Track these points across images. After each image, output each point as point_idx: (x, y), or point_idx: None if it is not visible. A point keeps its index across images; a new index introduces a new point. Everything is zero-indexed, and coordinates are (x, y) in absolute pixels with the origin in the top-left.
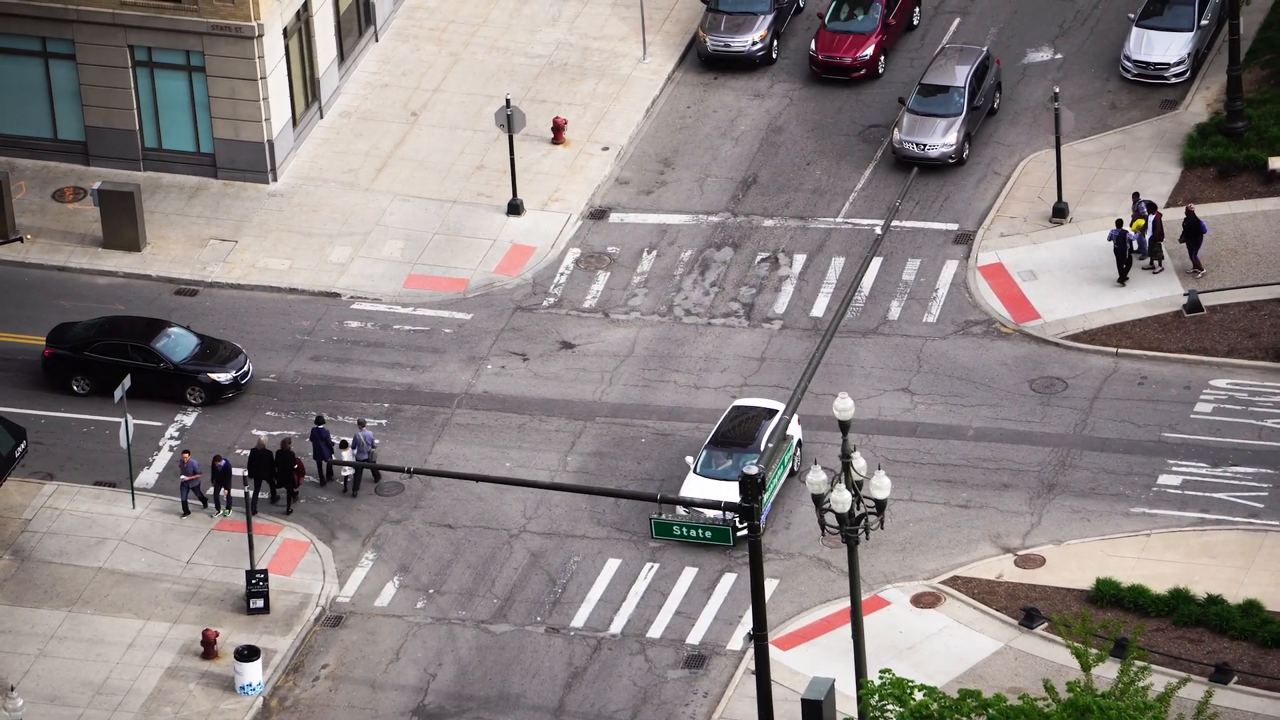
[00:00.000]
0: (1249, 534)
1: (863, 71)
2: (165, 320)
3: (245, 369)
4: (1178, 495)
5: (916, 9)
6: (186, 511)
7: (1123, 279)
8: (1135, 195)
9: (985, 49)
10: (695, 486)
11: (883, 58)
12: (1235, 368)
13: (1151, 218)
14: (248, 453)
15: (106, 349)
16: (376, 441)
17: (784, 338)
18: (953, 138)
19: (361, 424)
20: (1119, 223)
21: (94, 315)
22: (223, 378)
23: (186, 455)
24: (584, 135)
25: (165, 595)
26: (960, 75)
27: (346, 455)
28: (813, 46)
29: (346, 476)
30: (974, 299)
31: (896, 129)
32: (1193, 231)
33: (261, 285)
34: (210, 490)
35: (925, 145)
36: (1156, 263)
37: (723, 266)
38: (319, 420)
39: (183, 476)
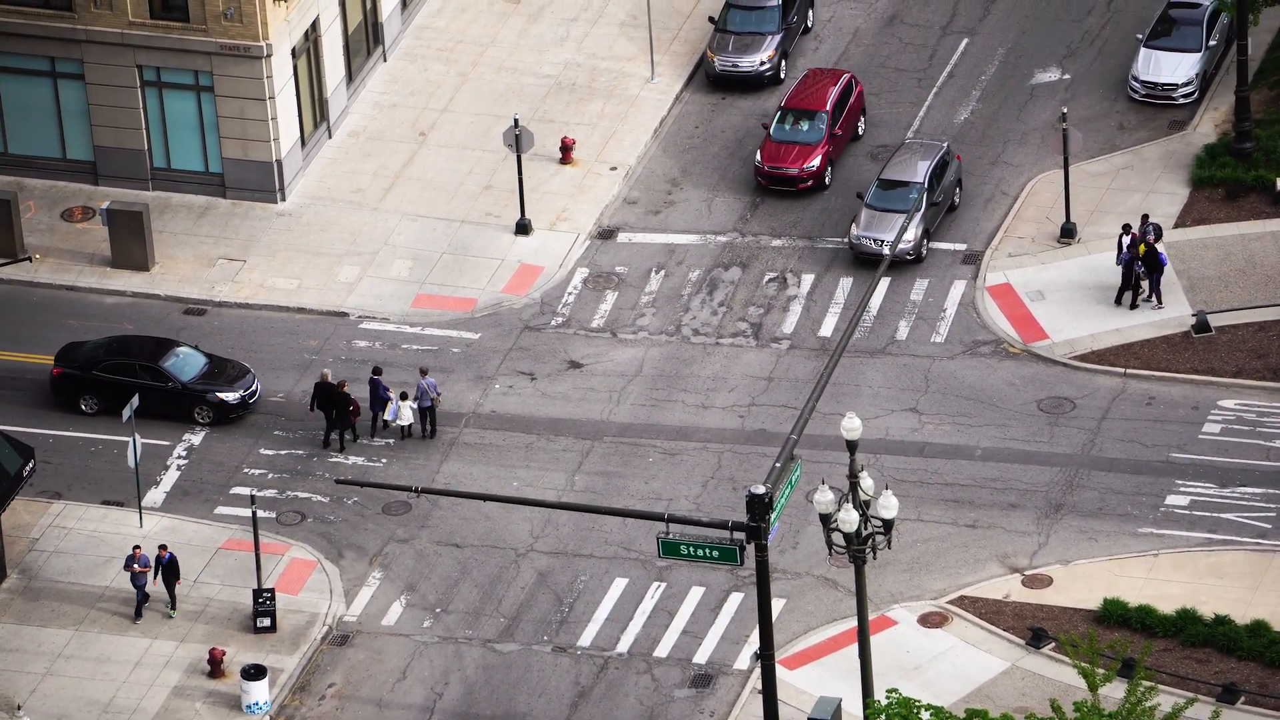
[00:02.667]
0: (1257, 554)
1: (810, 183)
2: (174, 340)
3: (253, 388)
4: (1185, 515)
5: (862, 118)
6: (140, 615)
7: (1119, 299)
8: (1144, 217)
9: (946, 144)
10: (866, 221)
11: (829, 169)
12: (1243, 388)
13: (1127, 238)
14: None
15: (115, 368)
16: (440, 390)
17: (792, 357)
18: (911, 234)
19: (424, 371)
20: (1122, 244)
21: (102, 335)
22: (230, 397)
23: (138, 550)
24: (592, 155)
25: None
26: (920, 170)
27: (407, 406)
28: (758, 157)
29: (405, 425)
30: (982, 319)
31: (854, 224)
32: (1151, 264)
33: (270, 305)
34: (157, 583)
35: (883, 241)
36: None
37: (731, 286)
38: (376, 371)
39: (135, 566)
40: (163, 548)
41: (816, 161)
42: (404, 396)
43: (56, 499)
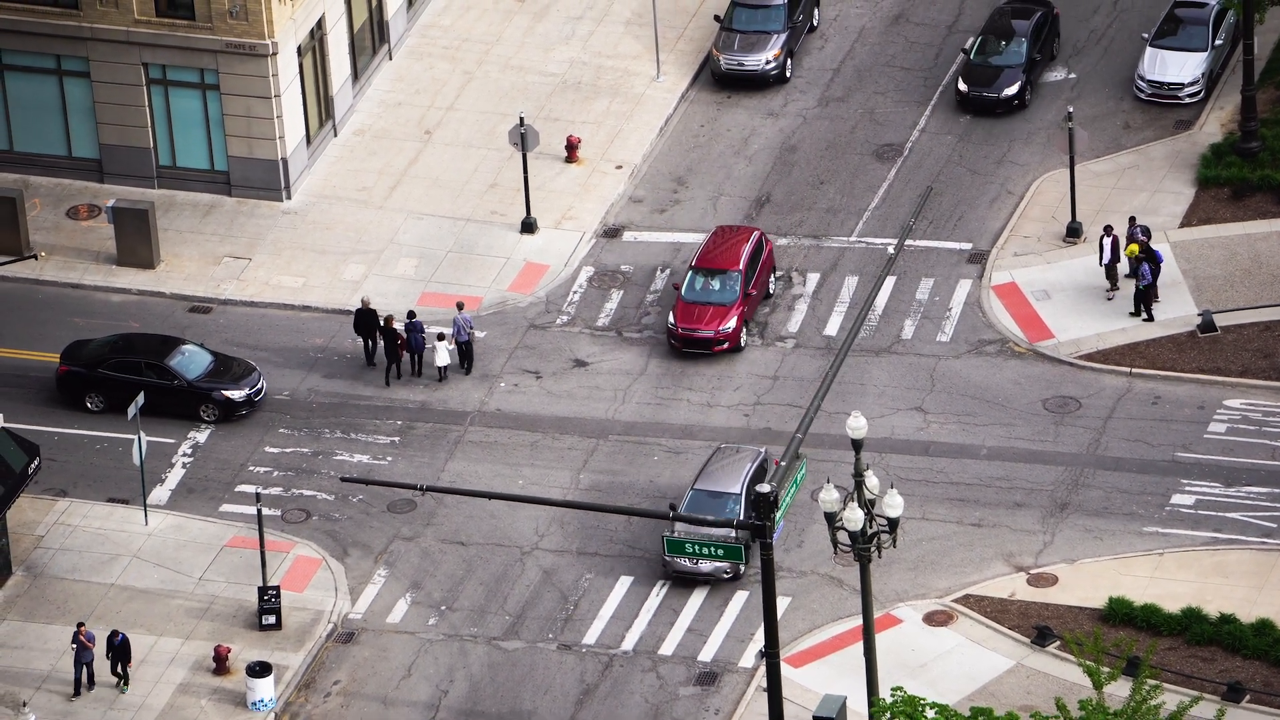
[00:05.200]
0: (1262, 554)
1: (726, 345)
2: (179, 338)
3: (259, 386)
4: (1191, 515)
5: (773, 277)
6: (78, 692)
7: (1140, 311)
8: (1131, 219)
9: (763, 453)
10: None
11: (745, 329)
12: (1249, 388)
13: (1109, 240)
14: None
15: (120, 366)
16: (474, 325)
17: (797, 356)
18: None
19: (460, 306)
20: (1104, 246)
21: (108, 333)
22: (236, 395)
23: (82, 628)
24: (598, 154)
25: (178, 611)
26: (736, 484)
27: (444, 347)
28: (671, 319)
29: (442, 366)
30: (988, 318)
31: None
32: (1149, 263)
33: (275, 303)
34: (107, 665)
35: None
36: (1112, 286)
37: None
38: (411, 315)
39: (81, 640)
40: (115, 633)
41: (732, 323)
42: (440, 337)
43: (62, 496)
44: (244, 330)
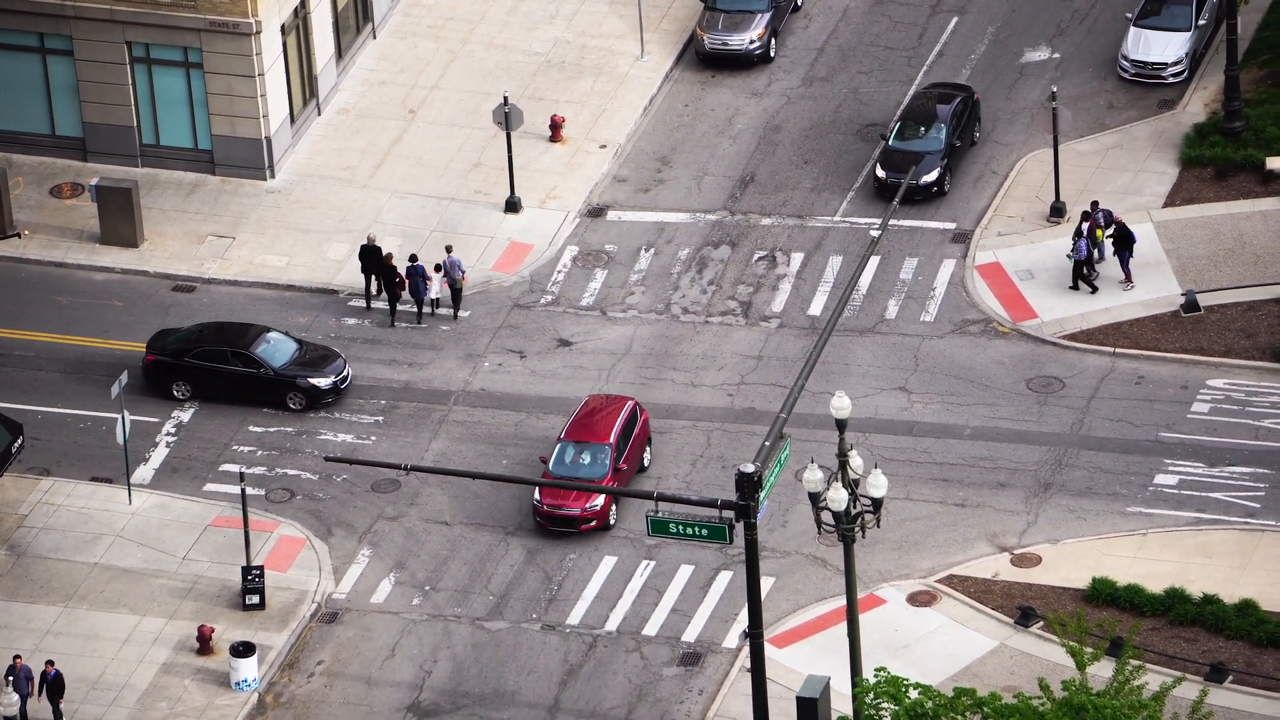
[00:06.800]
0: (1245, 534)
1: (594, 523)
2: (264, 325)
3: (345, 373)
4: (1174, 495)
5: (647, 450)
6: None
7: (1084, 285)
8: (1094, 204)
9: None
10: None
11: (614, 507)
12: (1232, 368)
13: (1087, 225)
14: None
15: (206, 355)
16: (465, 268)
17: (781, 336)
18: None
19: (449, 249)
20: (1078, 233)
21: (192, 321)
22: (322, 382)
23: (19, 660)
24: (582, 133)
25: (161, 591)
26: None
27: (436, 280)
28: (536, 495)
29: (434, 298)
30: (971, 298)
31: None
32: (1124, 242)
33: (259, 282)
34: (42, 699)
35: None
36: (1091, 273)
37: (720, 265)
38: (413, 258)
39: (14, 676)
40: (49, 663)
41: (600, 500)
42: (437, 269)
43: (45, 475)
44: (228, 309)
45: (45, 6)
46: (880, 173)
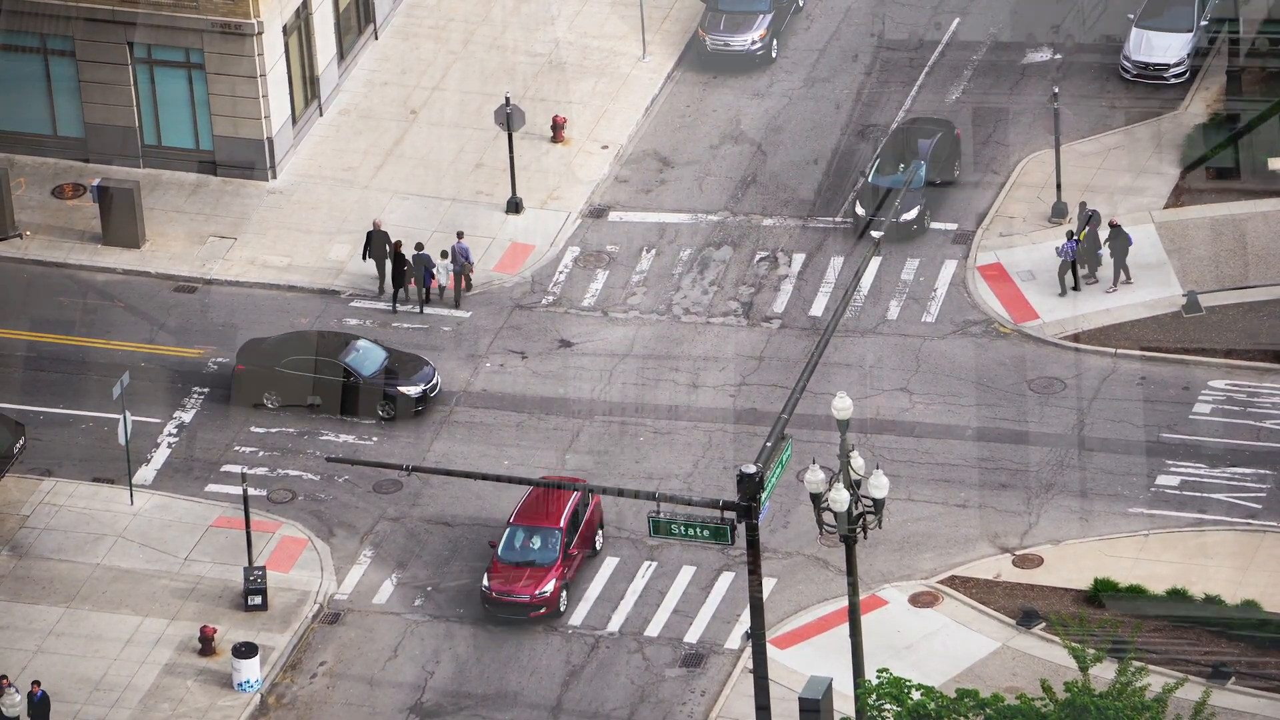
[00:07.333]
0: (1247, 535)
1: (543, 610)
2: (353, 334)
3: (434, 381)
4: (1176, 496)
5: (600, 532)
6: None
7: (1067, 288)
8: (1082, 205)
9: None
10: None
11: (564, 592)
12: (1234, 368)
13: (1087, 228)
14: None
15: (296, 364)
16: (472, 255)
17: (783, 337)
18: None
19: (460, 235)
20: (1070, 234)
21: (281, 330)
22: (412, 391)
23: (5, 680)
24: (583, 134)
25: (163, 592)
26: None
27: (443, 265)
28: (485, 581)
29: (442, 286)
30: (973, 299)
31: None
32: (1118, 243)
33: (260, 282)
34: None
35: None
36: (1091, 273)
37: (722, 265)
38: (419, 247)
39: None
40: (36, 684)
41: (550, 586)
42: (444, 255)
43: (47, 476)
44: (229, 310)
45: (47, 7)
46: (859, 210)
